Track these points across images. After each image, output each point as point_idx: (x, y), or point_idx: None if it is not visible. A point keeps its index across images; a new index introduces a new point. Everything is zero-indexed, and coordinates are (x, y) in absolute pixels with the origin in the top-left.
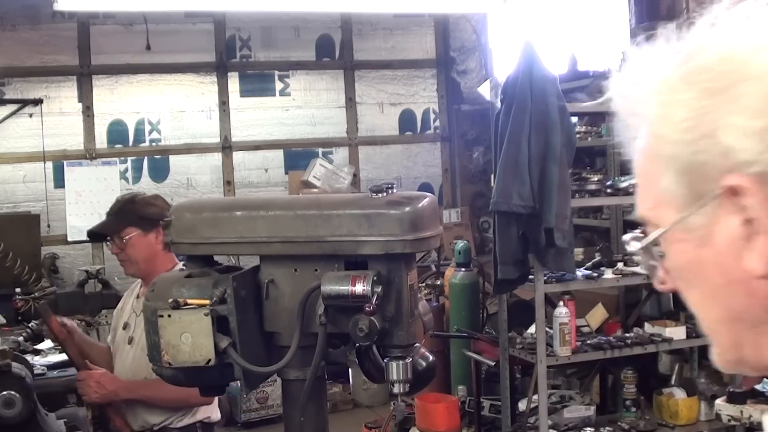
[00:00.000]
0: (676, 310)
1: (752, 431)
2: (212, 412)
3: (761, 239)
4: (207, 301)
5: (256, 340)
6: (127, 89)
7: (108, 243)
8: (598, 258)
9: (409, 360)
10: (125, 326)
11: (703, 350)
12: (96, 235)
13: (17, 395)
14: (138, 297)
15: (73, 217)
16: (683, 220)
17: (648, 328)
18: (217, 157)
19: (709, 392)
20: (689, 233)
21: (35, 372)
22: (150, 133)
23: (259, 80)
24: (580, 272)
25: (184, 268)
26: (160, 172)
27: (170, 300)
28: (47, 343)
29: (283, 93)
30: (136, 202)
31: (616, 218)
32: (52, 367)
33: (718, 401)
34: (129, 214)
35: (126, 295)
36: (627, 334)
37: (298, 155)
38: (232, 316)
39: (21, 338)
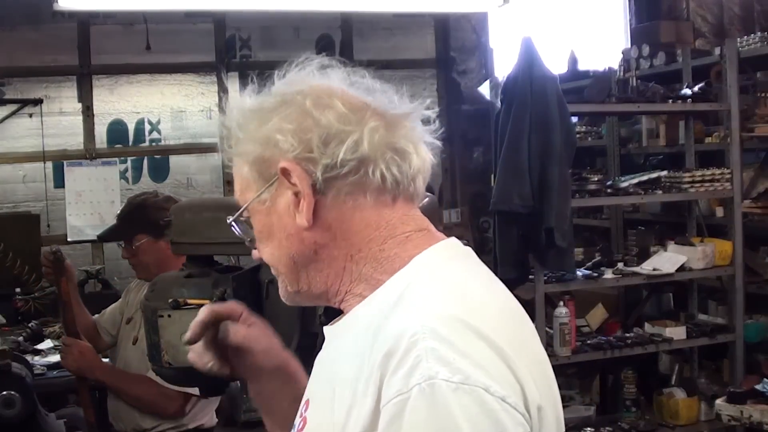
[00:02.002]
0: (676, 310)
1: (752, 431)
2: (206, 418)
3: (304, 202)
4: (207, 301)
5: None
6: (127, 89)
7: (120, 244)
8: (598, 258)
9: None
10: (129, 321)
11: (703, 350)
12: (105, 239)
13: (17, 395)
14: None
15: (73, 217)
16: (258, 197)
17: (648, 328)
18: (217, 157)
19: (709, 392)
20: (262, 205)
21: (35, 372)
22: (150, 133)
23: (260, 80)
24: (580, 272)
25: None
26: (160, 172)
27: (170, 300)
28: (47, 343)
29: None
30: (147, 206)
31: (616, 218)
32: (52, 367)
33: (718, 401)
34: (139, 220)
35: (133, 288)
36: (627, 334)
37: None
38: None
39: (21, 338)
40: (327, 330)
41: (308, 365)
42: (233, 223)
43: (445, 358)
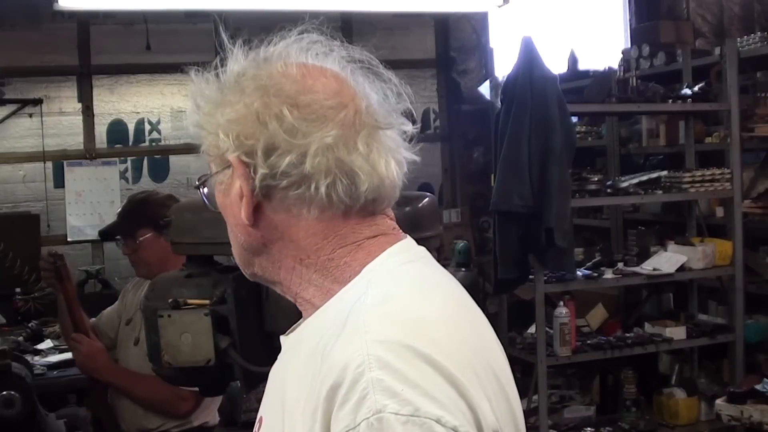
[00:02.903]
0: (676, 310)
1: (752, 431)
2: (210, 416)
3: (244, 201)
4: (207, 301)
5: (256, 340)
6: (127, 89)
7: (119, 243)
8: (598, 258)
9: None
10: (128, 322)
11: (703, 350)
12: (106, 234)
13: (17, 395)
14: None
15: (73, 217)
16: (216, 175)
17: (648, 328)
18: None
19: (709, 392)
20: (220, 185)
21: (35, 372)
22: (150, 133)
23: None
24: (580, 272)
25: None
26: (160, 172)
27: (170, 300)
28: (47, 343)
29: None
30: (150, 202)
31: (616, 218)
32: (52, 367)
33: (718, 401)
34: (143, 215)
35: (131, 288)
36: (627, 334)
37: None
38: (232, 316)
39: (21, 338)
40: (283, 339)
41: None
42: (199, 188)
43: (393, 390)
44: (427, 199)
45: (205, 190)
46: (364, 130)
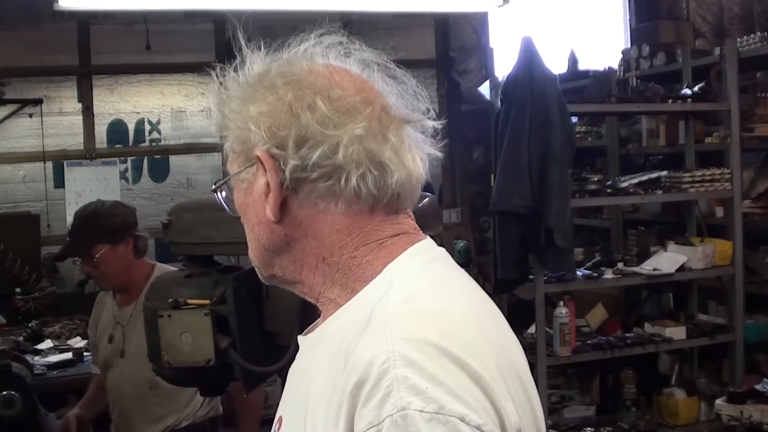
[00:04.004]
0: (676, 310)
1: (752, 431)
2: (217, 408)
3: (271, 196)
4: (207, 301)
5: (256, 340)
6: (127, 89)
7: (77, 263)
8: (598, 258)
9: None
10: (111, 339)
11: (703, 350)
12: (62, 258)
13: (17, 395)
14: (119, 306)
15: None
16: (239, 174)
17: (648, 328)
18: (217, 157)
19: (709, 392)
20: (242, 183)
21: (35, 372)
22: (150, 133)
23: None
24: (580, 272)
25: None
26: (160, 172)
27: (170, 300)
28: (47, 343)
29: None
30: (99, 215)
31: (616, 218)
32: (52, 367)
33: (718, 401)
34: (95, 231)
35: (95, 308)
36: (627, 334)
37: None
38: (232, 316)
39: (21, 338)
40: (301, 339)
41: None
42: (216, 191)
43: (418, 387)
44: (427, 199)
45: (223, 193)
46: (392, 124)
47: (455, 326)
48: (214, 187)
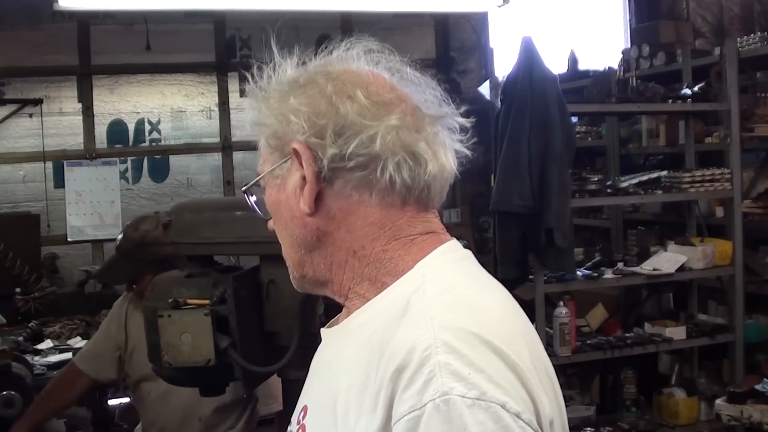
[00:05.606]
0: (676, 310)
1: (752, 431)
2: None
3: (307, 187)
4: (207, 301)
5: (256, 340)
6: (127, 89)
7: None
8: (598, 258)
9: None
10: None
11: (703, 350)
12: (105, 282)
13: (17, 395)
14: None
15: (73, 217)
16: (272, 171)
17: (648, 328)
18: (217, 157)
19: (709, 392)
20: (275, 180)
21: (35, 372)
22: (150, 133)
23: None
24: (580, 272)
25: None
26: (160, 172)
27: (170, 300)
28: (47, 343)
29: None
30: (148, 244)
31: (616, 218)
32: (52, 367)
33: (718, 401)
34: (143, 260)
35: (121, 306)
36: (627, 334)
37: None
38: (232, 316)
39: (21, 338)
40: (324, 332)
41: (307, 366)
42: (246, 193)
43: (460, 373)
44: None
45: (253, 197)
46: (425, 119)
47: (492, 318)
48: (244, 188)
